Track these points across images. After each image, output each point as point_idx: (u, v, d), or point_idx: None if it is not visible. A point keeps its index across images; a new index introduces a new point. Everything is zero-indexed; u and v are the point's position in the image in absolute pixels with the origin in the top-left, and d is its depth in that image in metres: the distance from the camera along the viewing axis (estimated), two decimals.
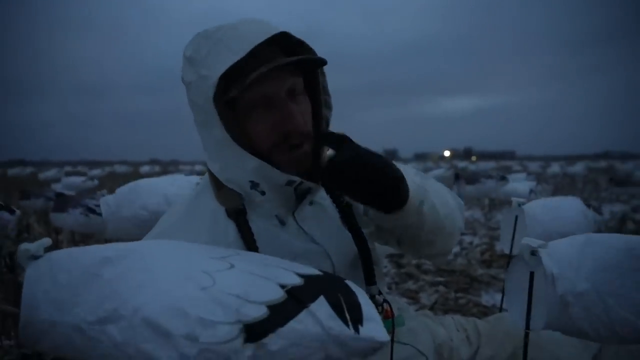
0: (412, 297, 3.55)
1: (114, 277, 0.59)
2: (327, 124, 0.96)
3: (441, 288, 3.75)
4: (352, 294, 0.65)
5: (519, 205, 2.10)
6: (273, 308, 0.58)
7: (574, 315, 0.92)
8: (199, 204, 0.94)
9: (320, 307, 0.60)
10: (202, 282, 0.59)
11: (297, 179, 0.88)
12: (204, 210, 0.92)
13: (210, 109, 0.82)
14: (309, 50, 0.90)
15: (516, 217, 2.35)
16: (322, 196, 1.00)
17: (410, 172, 0.90)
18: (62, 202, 3.07)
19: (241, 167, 0.86)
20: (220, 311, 0.56)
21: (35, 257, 0.63)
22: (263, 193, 0.88)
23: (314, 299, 0.61)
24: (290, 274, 0.65)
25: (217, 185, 0.92)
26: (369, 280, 0.96)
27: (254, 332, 0.56)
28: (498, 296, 3.22)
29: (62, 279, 0.59)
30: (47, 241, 0.66)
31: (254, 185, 0.88)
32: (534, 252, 0.95)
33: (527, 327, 0.97)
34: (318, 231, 0.95)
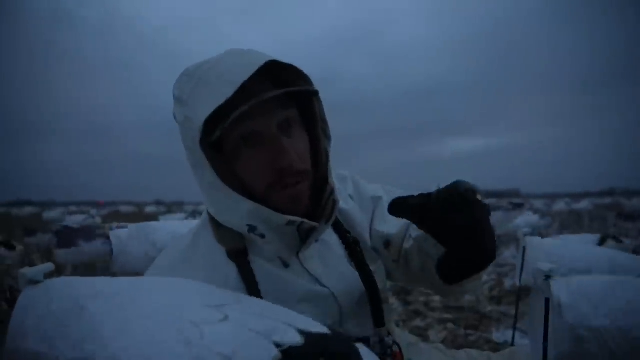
0: (421, 334, 3.45)
1: (100, 313, 0.55)
2: (327, 157, 0.89)
3: (450, 325, 3.65)
4: None
5: (525, 235, 2.07)
6: None
7: (591, 351, 0.87)
8: (199, 244, 0.88)
9: None
10: (189, 336, 0.53)
11: (297, 220, 0.80)
12: (204, 250, 0.86)
13: (198, 152, 0.77)
14: (303, 77, 0.82)
15: (524, 249, 2.31)
16: (327, 233, 0.93)
17: None
18: (67, 238, 3.07)
19: (236, 211, 0.80)
20: None
21: (34, 283, 0.59)
22: (263, 236, 0.81)
23: None
24: (291, 330, 0.58)
25: (217, 225, 0.87)
26: (378, 321, 0.91)
27: None
28: (509, 333, 3.11)
29: (54, 308, 0.56)
30: (48, 266, 0.62)
31: (252, 229, 0.81)
32: (547, 277, 0.91)
33: (545, 356, 0.92)
34: (323, 272, 0.89)
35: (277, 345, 0.54)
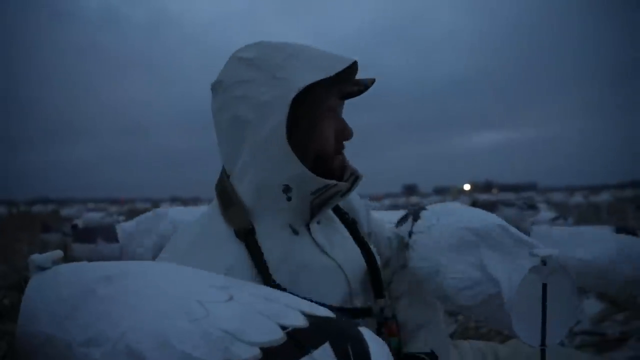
0: None
1: (109, 296, 0.57)
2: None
3: (460, 317, 3.64)
4: (363, 343, 0.57)
5: (533, 224, 2.06)
6: (267, 351, 0.51)
7: None
8: (209, 228, 0.93)
9: (324, 355, 0.52)
10: (194, 313, 0.54)
11: (333, 182, 0.89)
12: (214, 233, 0.90)
13: (279, 108, 0.84)
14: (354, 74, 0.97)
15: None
16: (329, 215, 1.01)
17: None
18: (82, 234, 3.13)
19: (281, 170, 0.86)
20: (206, 347, 0.50)
21: (43, 269, 0.62)
22: (289, 199, 0.89)
23: (317, 345, 0.53)
24: (296, 313, 0.58)
25: (224, 205, 0.92)
26: (378, 292, 0.97)
27: None
28: None
29: (64, 293, 0.58)
30: (57, 254, 0.65)
31: (286, 189, 0.88)
32: (544, 262, 0.91)
33: (543, 343, 0.92)
34: (330, 245, 0.95)
35: (282, 327, 0.54)
